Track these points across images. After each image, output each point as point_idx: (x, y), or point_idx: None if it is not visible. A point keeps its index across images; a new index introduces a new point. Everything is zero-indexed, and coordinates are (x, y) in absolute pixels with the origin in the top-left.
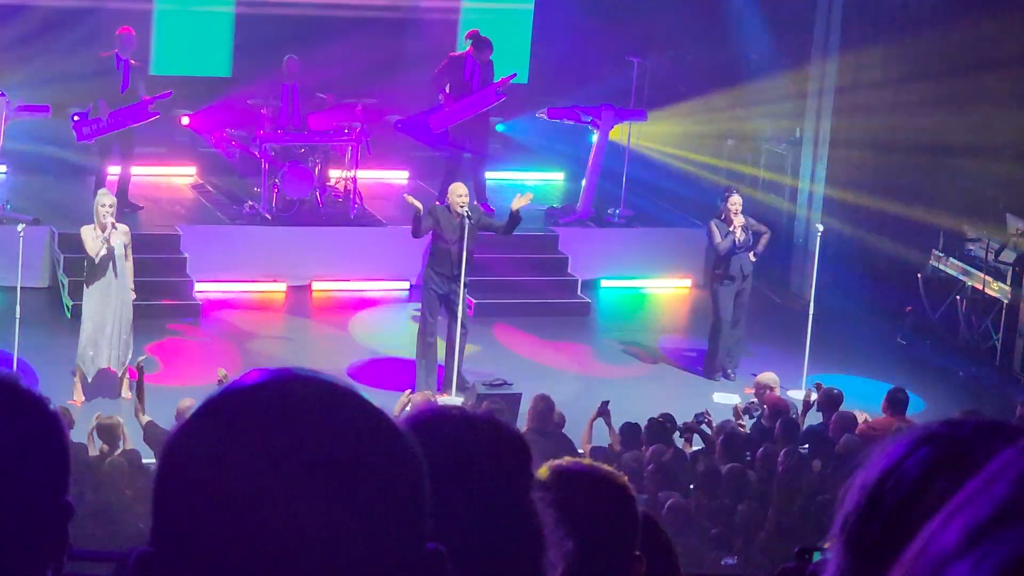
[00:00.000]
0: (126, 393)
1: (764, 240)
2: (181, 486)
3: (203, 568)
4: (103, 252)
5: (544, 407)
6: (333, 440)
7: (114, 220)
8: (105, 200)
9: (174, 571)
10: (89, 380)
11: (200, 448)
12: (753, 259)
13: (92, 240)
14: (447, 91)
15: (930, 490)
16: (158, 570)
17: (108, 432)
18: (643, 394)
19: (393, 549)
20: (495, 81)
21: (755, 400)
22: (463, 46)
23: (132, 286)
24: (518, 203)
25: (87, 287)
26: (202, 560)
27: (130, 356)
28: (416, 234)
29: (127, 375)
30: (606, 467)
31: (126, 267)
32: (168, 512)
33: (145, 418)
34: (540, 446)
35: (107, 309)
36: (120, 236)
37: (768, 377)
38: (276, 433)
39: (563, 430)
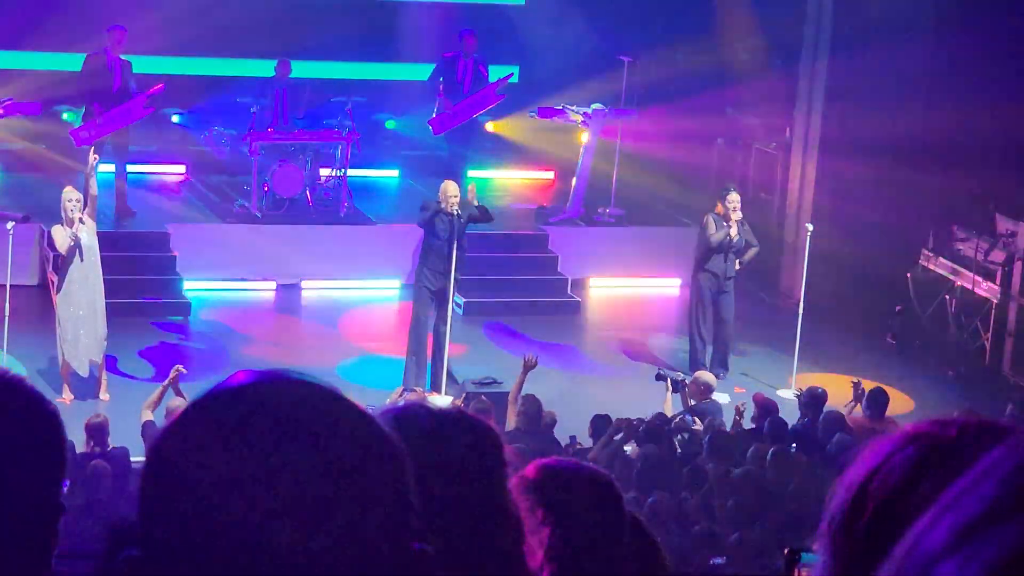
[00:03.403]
0: (104, 395)
1: (751, 253)
2: (167, 487)
3: (189, 569)
4: (70, 243)
5: (532, 407)
6: (318, 442)
7: (82, 215)
8: (71, 196)
9: (161, 572)
10: (84, 374)
11: (186, 449)
12: (737, 267)
13: (61, 237)
14: (440, 92)
15: (916, 489)
16: (145, 571)
17: (97, 431)
18: (631, 393)
19: (379, 549)
20: (489, 80)
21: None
22: (455, 45)
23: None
24: (471, 195)
25: (61, 284)
26: (188, 561)
27: (105, 344)
28: (420, 225)
29: (105, 375)
30: (592, 465)
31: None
32: (154, 513)
33: (148, 415)
34: (528, 445)
35: (85, 302)
36: (89, 230)
37: (706, 377)
38: (261, 435)
39: (553, 429)
